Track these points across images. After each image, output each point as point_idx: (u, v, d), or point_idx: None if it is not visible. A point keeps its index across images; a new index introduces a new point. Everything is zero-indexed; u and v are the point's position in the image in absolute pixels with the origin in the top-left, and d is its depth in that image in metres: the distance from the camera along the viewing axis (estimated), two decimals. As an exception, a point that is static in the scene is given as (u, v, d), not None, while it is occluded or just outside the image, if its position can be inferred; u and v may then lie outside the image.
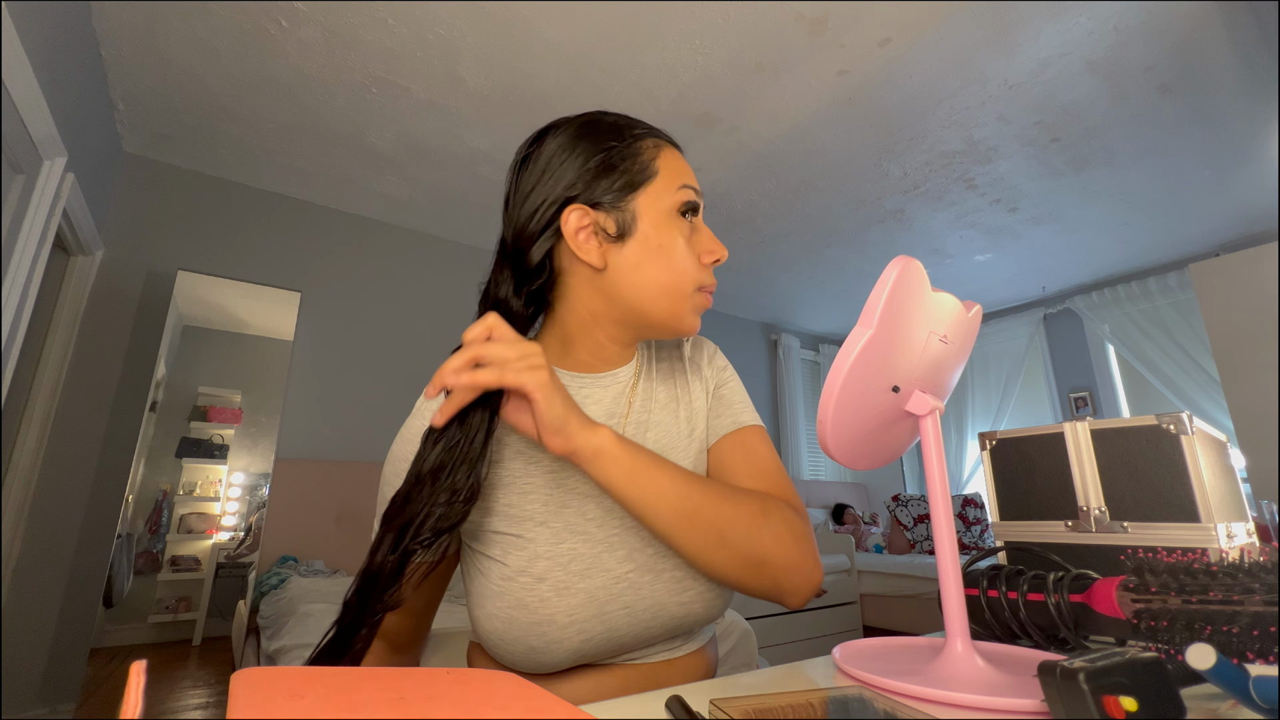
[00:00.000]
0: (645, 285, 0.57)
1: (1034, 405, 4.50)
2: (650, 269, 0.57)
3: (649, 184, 0.58)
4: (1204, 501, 0.58)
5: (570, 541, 0.56)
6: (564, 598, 0.53)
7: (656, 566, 0.56)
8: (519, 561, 0.54)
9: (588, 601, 0.54)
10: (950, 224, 3.37)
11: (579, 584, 0.54)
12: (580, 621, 0.53)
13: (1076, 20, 2.00)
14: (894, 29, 2.03)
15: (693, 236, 0.59)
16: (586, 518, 0.57)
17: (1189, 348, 3.67)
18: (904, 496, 3.89)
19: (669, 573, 0.56)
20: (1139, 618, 0.40)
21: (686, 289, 0.58)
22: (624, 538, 0.57)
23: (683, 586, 0.57)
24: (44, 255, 1.82)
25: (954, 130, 2.56)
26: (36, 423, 2.18)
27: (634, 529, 0.57)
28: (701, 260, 0.59)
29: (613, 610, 0.54)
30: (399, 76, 2.20)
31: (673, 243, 0.57)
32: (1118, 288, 4.00)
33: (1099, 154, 2.73)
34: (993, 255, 3.77)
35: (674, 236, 0.57)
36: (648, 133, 0.61)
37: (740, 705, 0.37)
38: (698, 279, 0.58)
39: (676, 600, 0.56)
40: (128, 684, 0.26)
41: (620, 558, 0.56)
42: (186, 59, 2.12)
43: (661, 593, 0.56)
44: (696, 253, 0.58)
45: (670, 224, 0.57)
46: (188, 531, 2.49)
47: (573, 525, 0.57)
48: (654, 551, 0.57)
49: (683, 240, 0.58)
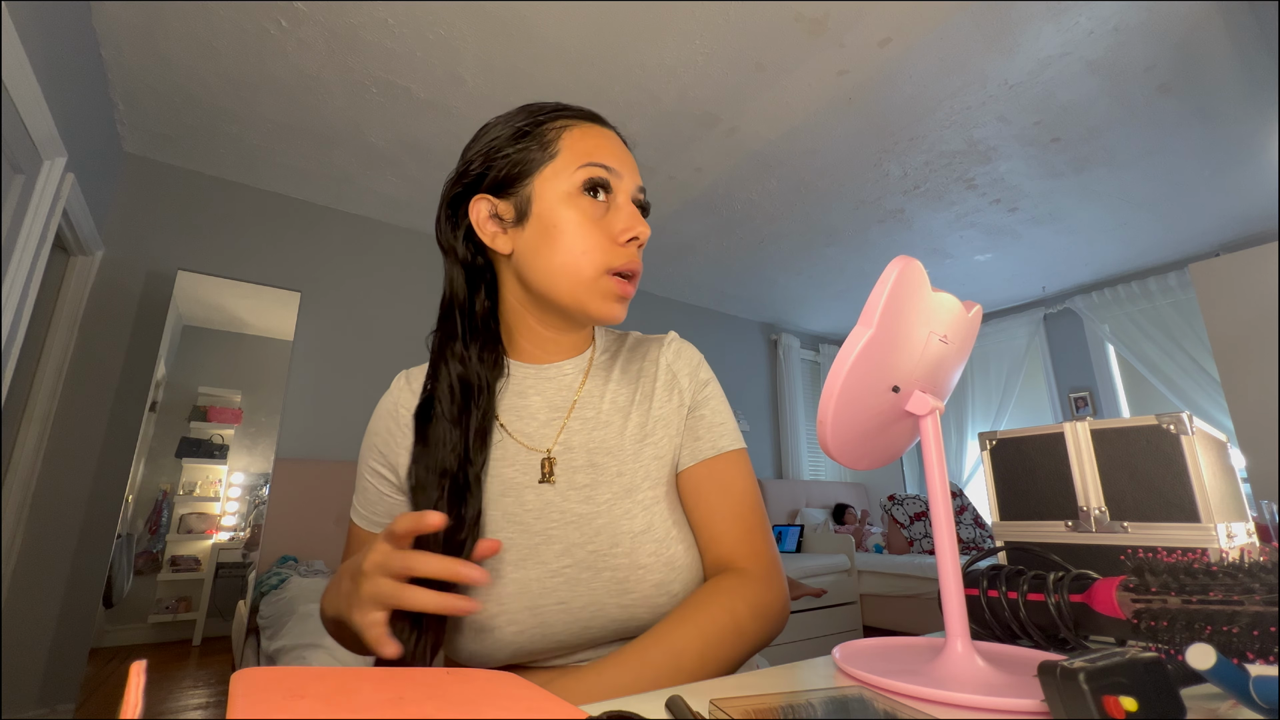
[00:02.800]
0: (543, 268, 0.56)
1: (1034, 405, 4.50)
2: (545, 251, 0.55)
3: (546, 165, 0.56)
4: (1204, 501, 0.58)
5: (507, 530, 0.55)
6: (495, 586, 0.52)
7: (595, 565, 0.54)
8: None
9: (519, 592, 0.52)
10: (950, 224, 3.37)
11: (512, 573, 0.53)
12: (511, 612, 0.52)
13: (1076, 20, 2.00)
14: (894, 29, 2.03)
15: (605, 216, 0.56)
16: (524, 507, 0.56)
17: (1189, 348, 3.67)
18: (899, 496, 3.89)
19: (608, 573, 0.54)
20: (1139, 618, 0.40)
21: (586, 271, 0.55)
22: (563, 532, 0.55)
23: (623, 589, 0.54)
24: (44, 255, 1.82)
25: (954, 130, 2.56)
26: (36, 423, 2.18)
27: (573, 524, 0.55)
28: (617, 240, 0.56)
29: (547, 605, 0.52)
30: (399, 76, 2.20)
31: (566, 222, 0.55)
32: (1118, 288, 4.00)
33: (1099, 154, 2.73)
34: (993, 255, 3.77)
35: (569, 216, 0.55)
36: (556, 113, 0.59)
37: (740, 705, 0.37)
38: (602, 261, 0.55)
39: (617, 602, 0.54)
40: (128, 684, 0.26)
41: (557, 552, 0.54)
42: (186, 59, 2.12)
43: (600, 592, 0.54)
44: (611, 233, 0.56)
45: (567, 204, 0.55)
46: (188, 531, 2.49)
47: (510, 513, 0.55)
48: (593, 549, 0.55)
49: (581, 220, 0.55)
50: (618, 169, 0.57)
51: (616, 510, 0.56)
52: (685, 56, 2.13)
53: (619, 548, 0.55)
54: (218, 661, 2.34)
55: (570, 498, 0.56)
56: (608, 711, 0.35)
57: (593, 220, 0.56)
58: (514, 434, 0.59)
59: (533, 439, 0.59)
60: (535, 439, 0.59)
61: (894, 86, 2.30)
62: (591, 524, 0.55)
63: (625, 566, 0.54)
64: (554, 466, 0.57)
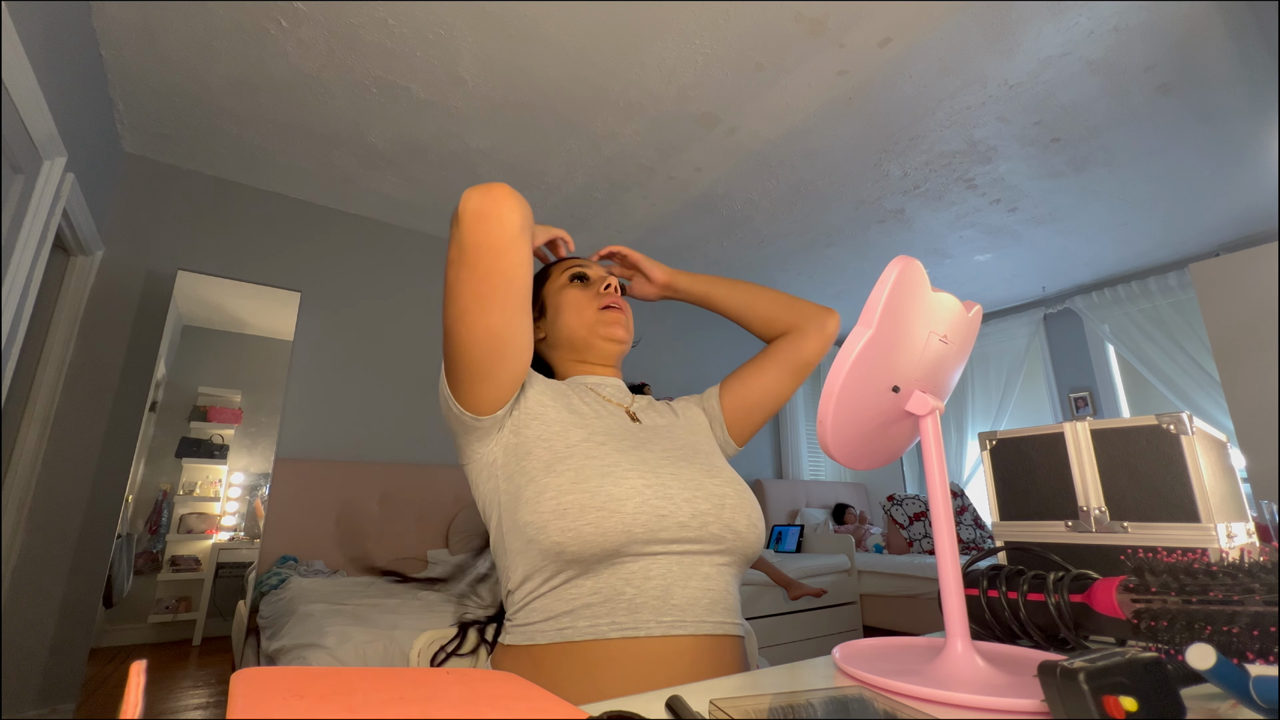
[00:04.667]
0: (564, 325, 0.82)
1: (1034, 405, 4.50)
2: (560, 318, 0.82)
3: (547, 282, 0.86)
4: (1204, 501, 0.58)
5: (619, 432, 0.71)
6: (624, 455, 0.66)
7: (687, 458, 0.71)
8: (577, 436, 0.67)
9: (640, 461, 0.66)
10: (950, 224, 3.37)
11: (634, 451, 0.68)
12: (640, 470, 0.64)
13: (1076, 20, 2.00)
14: (894, 29, 2.03)
15: (586, 288, 0.82)
16: (625, 427, 0.73)
17: (1189, 348, 3.67)
18: (899, 496, 3.89)
19: (699, 461, 0.71)
20: (1139, 618, 0.40)
21: (588, 314, 0.81)
22: (657, 440, 0.73)
23: (711, 470, 0.70)
24: (44, 255, 1.82)
25: (954, 130, 2.56)
26: (36, 423, 2.18)
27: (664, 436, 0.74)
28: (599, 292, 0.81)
29: (664, 470, 0.66)
30: (399, 76, 2.20)
31: (561, 302, 0.82)
32: (1118, 288, 4.00)
33: (1099, 154, 2.73)
34: (993, 255, 3.77)
35: (562, 299, 0.82)
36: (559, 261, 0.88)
37: (740, 705, 0.37)
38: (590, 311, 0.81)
39: (712, 481, 0.68)
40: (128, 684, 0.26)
41: (659, 449, 0.71)
42: (186, 59, 2.12)
43: (698, 471, 0.68)
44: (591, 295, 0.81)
45: (560, 293, 0.83)
46: (188, 531, 2.49)
47: (612, 428, 0.71)
48: (683, 453, 0.72)
49: (570, 296, 0.82)
50: (588, 264, 0.86)
51: (690, 437, 0.77)
52: (685, 56, 2.13)
53: (699, 455, 0.73)
54: (218, 661, 2.34)
55: (657, 424, 0.78)
56: (608, 712, 0.35)
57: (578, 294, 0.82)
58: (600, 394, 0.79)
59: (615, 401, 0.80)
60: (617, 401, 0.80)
61: (894, 86, 2.30)
62: (676, 439, 0.75)
63: (707, 463, 0.72)
64: (636, 415, 0.78)
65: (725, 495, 0.67)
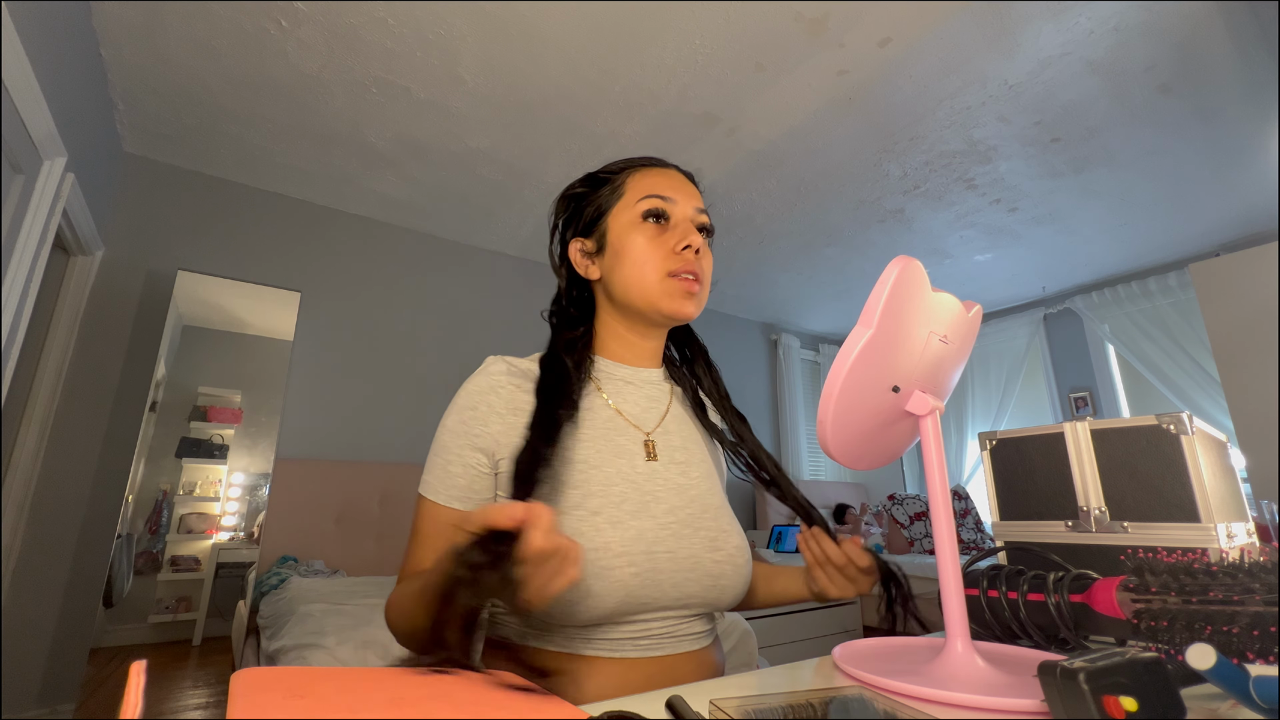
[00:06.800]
0: (620, 281, 0.69)
1: (1034, 405, 4.49)
2: (620, 269, 0.69)
3: (615, 205, 0.71)
4: (1204, 501, 0.58)
5: (621, 486, 0.63)
6: (617, 529, 0.59)
7: (693, 524, 0.65)
8: (573, 499, 0.60)
9: (638, 537, 0.60)
10: (950, 224, 3.36)
11: (631, 521, 0.61)
12: (631, 554, 0.59)
13: (1076, 20, 2.00)
14: (894, 29, 2.03)
15: (663, 235, 0.69)
16: (636, 470, 0.66)
17: (1189, 348, 3.67)
18: (899, 496, 3.89)
19: (704, 532, 0.65)
20: (1139, 618, 0.40)
21: (650, 278, 0.67)
22: (667, 495, 0.65)
23: (715, 546, 0.64)
24: (44, 255, 1.82)
25: (954, 130, 2.56)
26: (36, 423, 2.18)
27: (675, 491, 0.66)
28: (675, 250, 0.68)
29: (659, 551, 0.60)
30: (399, 76, 2.20)
31: (631, 244, 0.68)
32: (1118, 288, 4.00)
33: (1099, 154, 2.73)
34: (993, 255, 3.76)
35: (634, 239, 0.69)
36: (626, 165, 0.74)
37: (740, 705, 0.37)
38: (661, 267, 0.67)
39: (711, 557, 0.63)
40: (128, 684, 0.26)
41: (664, 510, 0.64)
42: (186, 59, 2.12)
43: (698, 546, 0.63)
44: (668, 246, 0.68)
45: (631, 230, 0.69)
46: (188, 531, 2.49)
47: (624, 473, 0.65)
48: (690, 512, 0.65)
49: (643, 240, 0.68)
50: (672, 196, 0.70)
51: (704, 486, 0.69)
52: (685, 56, 2.13)
53: (708, 514, 0.67)
54: (218, 661, 2.34)
55: (671, 470, 0.68)
56: (608, 712, 0.35)
57: (651, 239, 0.68)
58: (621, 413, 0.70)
59: (637, 419, 0.71)
60: (639, 420, 0.71)
61: (894, 86, 2.30)
62: (687, 493, 0.67)
63: (714, 529, 0.66)
64: (655, 448, 0.69)
65: (721, 575, 0.64)
